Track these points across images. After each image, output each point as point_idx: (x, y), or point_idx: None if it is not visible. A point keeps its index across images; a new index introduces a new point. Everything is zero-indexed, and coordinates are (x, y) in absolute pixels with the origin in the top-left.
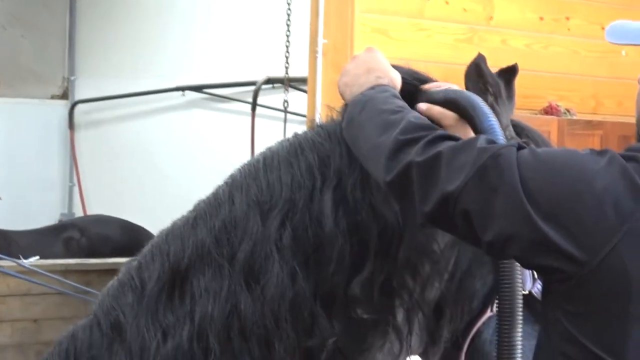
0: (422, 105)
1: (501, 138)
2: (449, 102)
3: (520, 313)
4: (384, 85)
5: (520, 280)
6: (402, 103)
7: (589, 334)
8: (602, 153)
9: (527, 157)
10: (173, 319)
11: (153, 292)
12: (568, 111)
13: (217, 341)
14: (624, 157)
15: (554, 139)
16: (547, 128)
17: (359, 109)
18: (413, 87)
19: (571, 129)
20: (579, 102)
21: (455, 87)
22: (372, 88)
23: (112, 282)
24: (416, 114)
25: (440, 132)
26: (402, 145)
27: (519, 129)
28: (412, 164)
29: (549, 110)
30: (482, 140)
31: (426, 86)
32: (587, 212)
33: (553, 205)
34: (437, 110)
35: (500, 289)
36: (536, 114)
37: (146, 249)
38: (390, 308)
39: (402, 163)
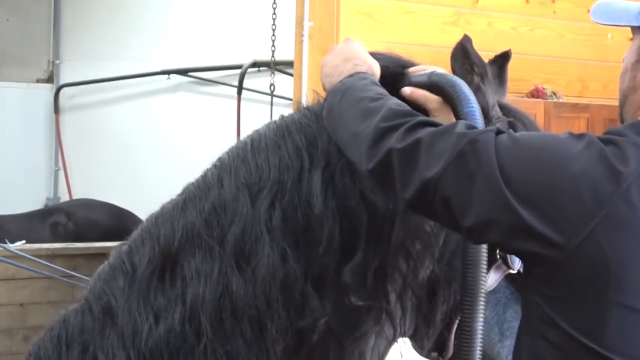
0: (406, 89)
1: (480, 124)
2: (432, 85)
3: (483, 299)
4: (362, 72)
5: (484, 266)
6: (381, 90)
7: (568, 318)
8: (580, 137)
9: (505, 142)
10: (164, 302)
11: (144, 276)
12: (554, 94)
13: (209, 323)
14: (603, 140)
15: (540, 122)
16: (534, 111)
17: (338, 97)
18: (396, 73)
19: (557, 112)
20: (565, 85)
21: (440, 70)
22: (351, 76)
23: (103, 266)
24: (396, 100)
25: (420, 118)
26: (383, 133)
27: (505, 111)
28: (392, 151)
29: (535, 93)
30: (461, 126)
31: (410, 70)
32: (565, 197)
33: (531, 190)
34: (420, 93)
35: (464, 274)
36: (522, 97)
37: (136, 233)
38: (383, 293)
39: (383, 151)
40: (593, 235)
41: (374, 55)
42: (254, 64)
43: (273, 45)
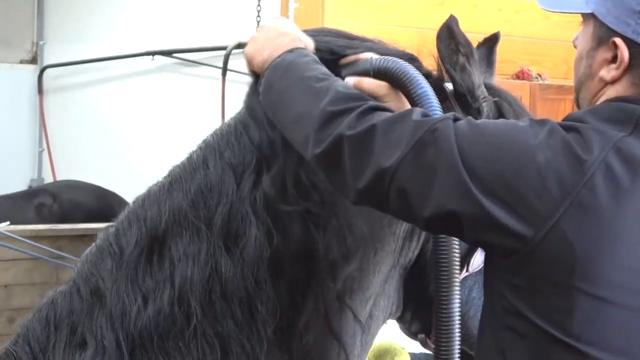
0: (350, 79)
1: (435, 105)
2: (378, 71)
3: (457, 278)
4: (302, 48)
5: (457, 250)
6: (325, 70)
7: (534, 308)
8: (541, 123)
9: (464, 130)
10: (153, 284)
11: (132, 258)
12: (540, 76)
13: (198, 304)
14: (565, 127)
15: (525, 104)
16: (519, 93)
17: (279, 74)
18: (328, 60)
19: (543, 94)
20: (550, 67)
21: (376, 56)
22: (290, 51)
23: (90, 248)
24: (343, 82)
25: (371, 103)
26: (332, 117)
27: (491, 91)
28: (342, 137)
29: (521, 75)
30: (417, 113)
31: (348, 59)
32: (529, 187)
33: (495, 181)
34: (368, 81)
35: (437, 258)
36: (508, 78)
37: (123, 215)
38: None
39: (332, 136)
40: (558, 225)
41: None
42: (239, 45)
43: (258, 27)
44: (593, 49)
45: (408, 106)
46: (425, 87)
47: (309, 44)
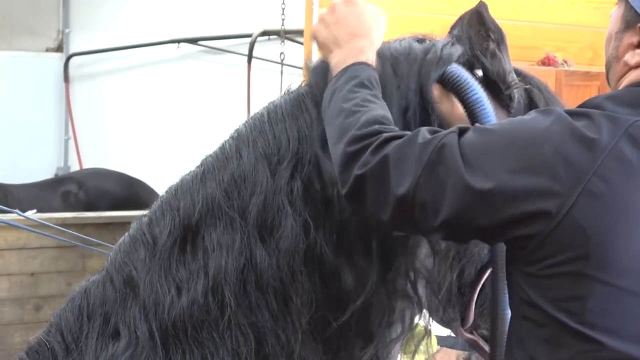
0: None
1: (488, 110)
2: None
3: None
4: (362, 63)
5: None
6: (366, 95)
7: (548, 297)
8: (546, 113)
9: (470, 140)
10: (186, 274)
11: (165, 248)
12: (565, 62)
13: (232, 295)
14: (576, 113)
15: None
16: (545, 79)
17: (328, 99)
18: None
19: (568, 80)
20: (576, 53)
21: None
22: (346, 70)
23: (124, 238)
24: (375, 112)
25: (386, 134)
26: (350, 158)
27: (521, 77)
28: (360, 177)
29: (546, 62)
30: (422, 135)
31: None
32: (539, 180)
33: (506, 180)
34: None
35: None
36: (533, 65)
37: (156, 204)
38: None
39: (352, 176)
40: (571, 213)
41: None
42: (264, 33)
43: (283, 14)
44: (621, 32)
45: (461, 110)
46: (479, 93)
47: (377, 44)
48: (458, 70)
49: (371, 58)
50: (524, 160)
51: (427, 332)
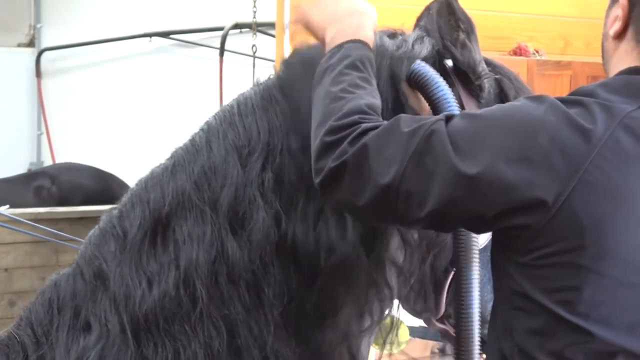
0: None
1: (455, 108)
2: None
3: (477, 256)
4: (357, 41)
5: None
6: (356, 79)
7: (541, 288)
8: (539, 100)
9: (459, 127)
10: (157, 267)
11: (135, 240)
12: (537, 52)
13: (204, 287)
14: (569, 101)
15: (523, 80)
16: (516, 69)
17: (319, 77)
18: None
19: (540, 70)
20: (547, 42)
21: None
22: (340, 47)
23: (94, 230)
24: (363, 100)
25: (364, 125)
26: (327, 148)
27: (491, 67)
28: (335, 168)
29: (518, 51)
30: (405, 122)
31: None
32: (535, 170)
33: (501, 169)
34: None
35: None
36: (505, 55)
37: (126, 197)
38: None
39: (327, 167)
40: (567, 203)
41: None
42: (236, 26)
43: (255, 6)
44: (609, 8)
45: (427, 106)
46: (444, 90)
47: (372, 22)
48: (423, 68)
49: (369, 36)
50: (519, 148)
51: (397, 323)
